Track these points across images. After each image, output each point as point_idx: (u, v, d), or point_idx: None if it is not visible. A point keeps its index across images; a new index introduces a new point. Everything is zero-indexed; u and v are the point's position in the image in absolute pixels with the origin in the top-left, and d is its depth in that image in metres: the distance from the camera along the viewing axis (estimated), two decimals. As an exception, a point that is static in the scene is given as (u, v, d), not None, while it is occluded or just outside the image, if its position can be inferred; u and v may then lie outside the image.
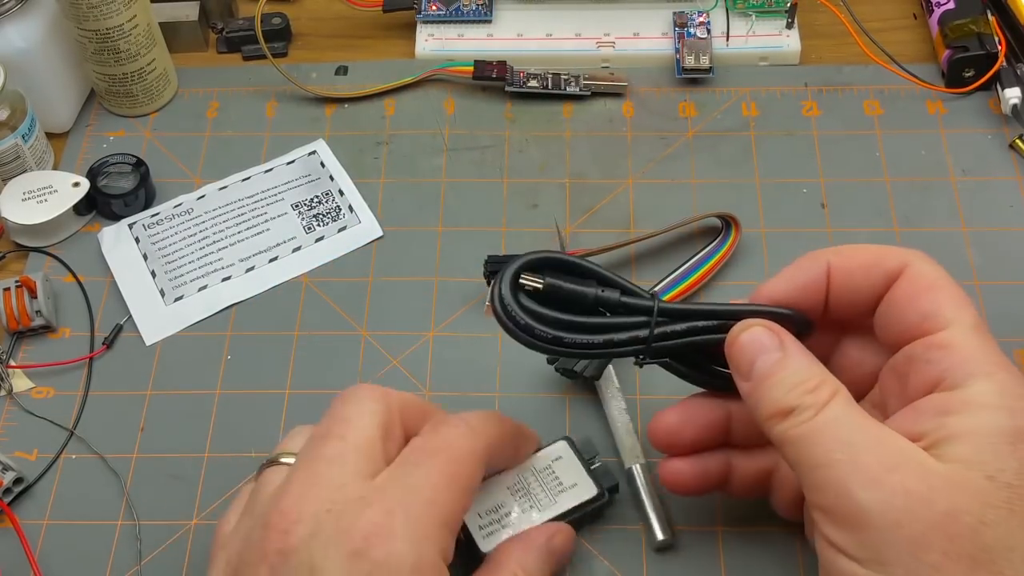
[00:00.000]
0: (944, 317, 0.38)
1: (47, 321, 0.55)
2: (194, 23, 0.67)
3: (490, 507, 0.45)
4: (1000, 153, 0.61)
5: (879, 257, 0.40)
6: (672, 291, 0.54)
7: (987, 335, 0.38)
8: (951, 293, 0.39)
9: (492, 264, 0.53)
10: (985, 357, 0.37)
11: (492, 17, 0.67)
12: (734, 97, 0.64)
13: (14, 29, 0.59)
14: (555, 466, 0.46)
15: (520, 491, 0.45)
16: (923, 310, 0.38)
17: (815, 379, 0.37)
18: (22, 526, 0.49)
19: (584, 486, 0.46)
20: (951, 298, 0.38)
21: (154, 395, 0.54)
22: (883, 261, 0.40)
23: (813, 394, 0.37)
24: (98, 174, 0.60)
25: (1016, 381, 0.36)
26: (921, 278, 0.39)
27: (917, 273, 0.39)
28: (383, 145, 0.63)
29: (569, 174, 0.61)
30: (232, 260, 0.58)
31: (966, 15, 0.63)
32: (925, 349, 0.38)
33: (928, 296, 0.39)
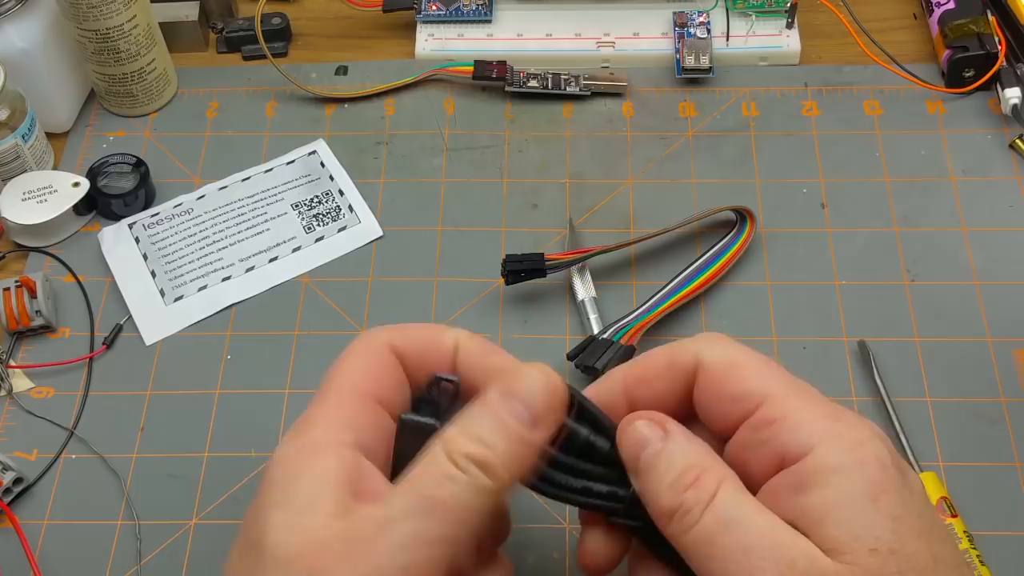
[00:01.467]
0: (757, 393, 0.36)
1: (47, 321, 0.55)
2: (194, 23, 0.67)
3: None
4: (1000, 153, 0.61)
5: (669, 360, 0.38)
6: (687, 287, 0.54)
7: (804, 390, 0.36)
8: (753, 367, 0.37)
9: (510, 264, 0.54)
10: (813, 415, 0.35)
11: (492, 17, 0.67)
12: (734, 97, 0.64)
13: (14, 29, 0.59)
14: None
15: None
16: (732, 394, 0.36)
17: (695, 469, 0.35)
18: (22, 526, 0.49)
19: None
20: (755, 372, 0.37)
21: (154, 395, 0.54)
22: (675, 362, 0.38)
23: (695, 488, 0.34)
24: (98, 174, 0.60)
25: (851, 426, 0.35)
26: (716, 365, 0.37)
27: (711, 361, 0.37)
28: (383, 145, 0.63)
29: (569, 174, 0.61)
30: (232, 260, 0.58)
31: (966, 15, 0.63)
32: (754, 431, 0.36)
33: (731, 379, 0.37)
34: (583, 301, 0.54)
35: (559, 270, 0.55)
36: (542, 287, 0.56)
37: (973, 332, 0.54)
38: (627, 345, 0.52)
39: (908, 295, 0.55)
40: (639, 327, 0.52)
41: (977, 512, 0.48)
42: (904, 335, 0.54)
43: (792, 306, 0.55)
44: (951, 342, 0.54)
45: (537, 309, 0.56)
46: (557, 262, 0.54)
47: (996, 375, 0.52)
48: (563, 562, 0.48)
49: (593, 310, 0.54)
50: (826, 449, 0.34)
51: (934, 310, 0.55)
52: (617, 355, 0.51)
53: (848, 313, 0.55)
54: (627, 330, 0.52)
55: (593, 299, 0.54)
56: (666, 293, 0.54)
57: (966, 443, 0.50)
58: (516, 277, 0.54)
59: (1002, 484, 0.49)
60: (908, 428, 0.50)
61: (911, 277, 0.56)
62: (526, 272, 0.54)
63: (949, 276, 0.56)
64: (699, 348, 0.38)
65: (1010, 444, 0.50)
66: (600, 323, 0.54)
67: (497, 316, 0.55)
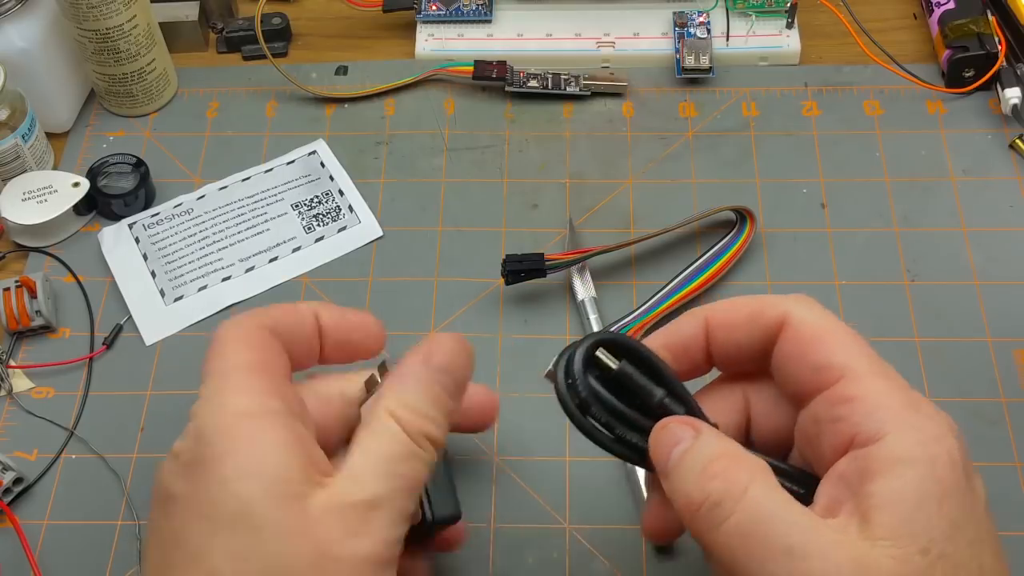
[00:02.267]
0: (838, 367, 0.35)
1: (47, 321, 0.55)
2: (194, 23, 0.67)
3: None
4: (1000, 153, 0.61)
5: (757, 311, 0.37)
6: (687, 287, 0.54)
7: (887, 372, 0.36)
8: (839, 338, 0.36)
9: (510, 264, 0.54)
10: (892, 400, 0.34)
11: (492, 17, 0.67)
12: (734, 97, 0.64)
13: (14, 29, 0.59)
14: None
15: None
16: (814, 363, 0.36)
17: (724, 459, 0.34)
18: (22, 526, 0.49)
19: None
20: (841, 344, 0.36)
21: (154, 395, 0.54)
22: (761, 315, 0.37)
23: (724, 479, 0.33)
24: (98, 174, 0.60)
25: (929, 418, 0.34)
26: (803, 328, 0.36)
27: (799, 323, 0.37)
28: (383, 145, 0.63)
29: (569, 174, 0.61)
30: (232, 260, 0.58)
31: (966, 15, 0.63)
32: (829, 406, 0.35)
33: (816, 347, 0.36)
34: (583, 301, 0.54)
35: (559, 270, 0.55)
36: (542, 287, 0.56)
37: (973, 332, 0.54)
38: None
39: (908, 295, 0.55)
40: (639, 327, 0.53)
41: (977, 512, 0.48)
42: (904, 335, 0.54)
43: (792, 306, 0.55)
44: (951, 342, 0.54)
45: (537, 309, 0.56)
46: (557, 262, 0.54)
47: (996, 375, 0.52)
48: (563, 562, 0.48)
49: (593, 310, 0.54)
50: (899, 438, 0.33)
51: (934, 310, 0.55)
52: None
53: (848, 313, 0.55)
54: (627, 330, 0.52)
55: (593, 299, 0.54)
56: (666, 293, 0.54)
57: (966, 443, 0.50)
58: (516, 277, 0.54)
59: (1002, 484, 0.49)
60: (908, 428, 0.50)
61: (911, 277, 0.56)
62: (526, 272, 0.54)
63: (949, 276, 0.56)
64: (789, 307, 0.37)
65: (1010, 444, 0.50)
66: (600, 323, 0.54)
67: (497, 316, 0.55)
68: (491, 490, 0.50)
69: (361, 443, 0.37)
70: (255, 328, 0.38)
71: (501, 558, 0.48)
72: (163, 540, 0.35)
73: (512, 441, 0.51)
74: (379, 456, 0.36)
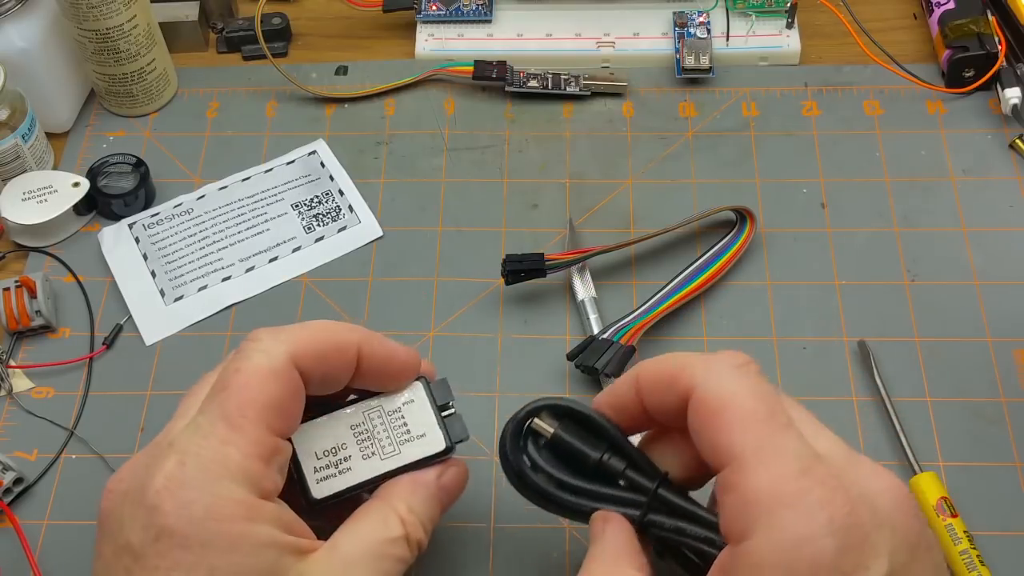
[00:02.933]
0: (725, 451, 0.34)
1: (47, 321, 0.55)
2: (194, 23, 0.67)
3: (329, 447, 0.41)
4: (1000, 153, 0.61)
5: (673, 376, 0.36)
6: (687, 287, 0.54)
7: (779, 453, 0.33)
8: (737, 415, 0.34)
9: (510, 264, 0.54)
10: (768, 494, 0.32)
11: (492, 17, 0.67)
12: (734, 97, 0.64)
13: (14, 29, 0.59)
14: (405, 410, 0.42)
15: (364, 434, 0.41)
16: (708, 441, 0.34)
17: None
18: (22, 526, 0.49)
19: (432, 438, 0.42)
20: (736, 422, 0.34)
21: (154, 395, 0.53)
22: (676, 381, 0.36)
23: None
24: (98, 174, 0.60)
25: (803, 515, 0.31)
26: (706, 401, 0.35)
27: (703, 394, 0.35)
28: (383, 145, 0.63)
29: (569, 174, 0.61)
30: (232, 260, 0.58)
31: (966, 15, 0.63)
32: (719, 491, 0.34)
33: (712, 424, 0.34)
34: (583, 301, 0.54)
35: (559, 270, 0.55)
36: (542, 287, 0.56)
37: (973, 332, 0.54)
38: (627, 345, 0.52)
39: (908, 295, 0.55)
40: (639, 327, 0.52)
41: (977, 512, 0.48)
42: (904, 335, 0.54)
43: (792, 306, 0.55)
44: (951, 342, 0.54)
45: (537, 309, 0.56)
46: (557, 262, 0.54)
47: (996, 375, 0.52)
48: (563, 562, 0.48)
49: (593, 310, 0.54)
50: (760, 542, 0.32)
51: (934, 310, 0.55)
52: (617, 355, 0.51)
53: (848, 313, 0.55)
54: (627, 330, 0.52)
55: (593, 299, 0.54)
56: (666, 293, 0.54)
57: (966, 443, 0.50)
58: (516, 277, 0.54)
59: (1002, 484, 0.49)
60: (908, 428, 0.50)
61: (911, 277, 0.56)
62: (526, 272, 0.54)
63: (949, 276, 0.56)
64: (697, 376, 0.35)
65: (1010, 444, 0.50)
66: (600, 323, 0.54)
67: (497, 316, 0.55)
68: (491, 490, 0.50)
69: (361, 528, 0.38)
70: (284, 364, 0.37)
71: (501, 558, 0.48)
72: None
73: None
74: (372, 547, 0.38)
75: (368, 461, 0.41)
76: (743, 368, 0.35)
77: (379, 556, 0.38)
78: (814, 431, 0.35)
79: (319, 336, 0.39)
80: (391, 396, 0.42)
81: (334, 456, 0.41)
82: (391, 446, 0.42)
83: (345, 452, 0.41)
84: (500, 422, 0.51)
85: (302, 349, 0.38)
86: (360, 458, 0.41)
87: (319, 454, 0.41)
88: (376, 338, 0.41)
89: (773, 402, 0.34)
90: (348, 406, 0.42)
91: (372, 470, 0.41)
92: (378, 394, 0.42)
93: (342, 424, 0.42)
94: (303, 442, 0.41)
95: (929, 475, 0.48)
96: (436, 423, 0.42)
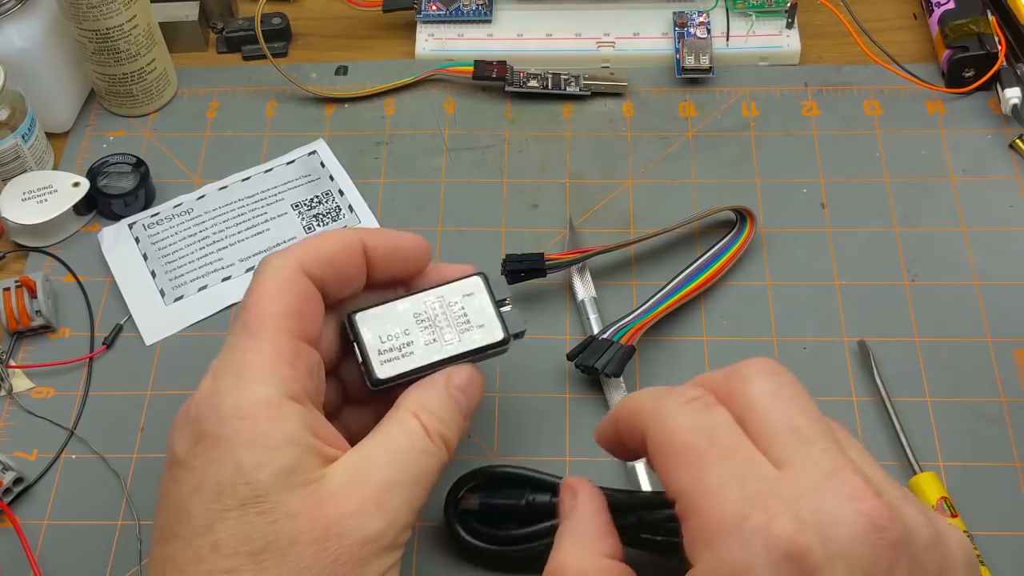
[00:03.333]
0: (673, 489, 0.34)
1: (47, 321, 0.55)
2: (194, 23, 0.67)
3: (394, 332, 0.43)
4: (1000, 153, 0.61)
5: (632, 417, 0.37)
6: (687, 287, 0.54)
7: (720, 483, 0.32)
8: (674, 451, 0.34)
9: (510, 263, 0.54)
10: (709, 525, 0.32)
11: (492, 17, 0.67)
12: (734, 97, 0.64)
13: (14, 29, 0.59)
14: (465, 302, 0.44)
15: (426, 321, 0.43)
16: (662, 481, 0.34)
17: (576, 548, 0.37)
18: (22, 526, 0.49)
19: (491, 328, 0.44)
20: (674, 458, 0.34)
21: (154, 395, 0.54)
22: (635, 422, 0.36)
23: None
24: (98, 174, 0.60)
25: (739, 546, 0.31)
26: (652, 446, 0.35)
27: (649, 439, 0.35)
28: (383, 145, 0.63)
29: (569, 174, 0.61)
30: (232, 260, 0.58)
31: (966, 15, 0.63)
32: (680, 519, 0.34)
33: (658, 465, 0.35)
34: (583, 301, 0.54)
35: (559, 270, 0.55)
36: (542, 287, 0.56)
37: (973, 332, 0.54)
38: (627, 345, 0.52)
39: (908, 295, 0.55)
40: (639, 327, 0.52)
41: (977, 512, 0.48)
42: (904, 335, 0.54)
43: (792, 306, 0.55)
44: (951, 342, 0.54)
45: (537, 309, 0.56)
46: (557, 262, 0.54)
47: (996, 375, 0.52)
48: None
49: (593, 310, 0.54)
50: (700, 571, 0.32)
51: (934, 310, 0.55)
52: (617, 355, 0.51)
53: (848, 313, 0.55)
54: (627, 330, 0.52)
55: (593, 299, 0.54)
56: (666, 293, 0.54)
57: (966, 443, 0.50)
58: (516, 277, 0.54)
59: (1002, 484, 0.49)
60: (908, 428, 0.50)
61: (911, 277, 0.56)
62: (526, 272, 0.54)
63: (949, 276, 0.56)
64: (647, 418, 0.36)
65: (1010, 444, 0.50)
66: (600, 323, 0.54)
67: (497, 316, 0.55)
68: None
69: (381, 433, 0.39)
70: (294, 274, 0.40)
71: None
72: (170, 506, 0.37)
73: (512, 441, 0.51)
74: (398, 446, 0.39)
75: (430, 347, 0.43)
76: (693, 403, 0.35)
77: (403, 451, 0.39)
78: (798, 446, 0.33)
79: (322, 242, 0.42)
80: (452, 287, 0.44)
81: (397, 341, 0.43)
82: (451, 334, 0.43)
83: (408, 338, 0.43)
84: (501, 423, 0.51)
85: (309, 257, 0.41)
86: (422, 343, 0.43)
87: (383, 338, 0.43)
88: (379, 231, 0.44)
89: (714, 433, 0.34)
90: (411, 295, 0.44)
91: (434, 354, 0.43)
92: (440, 285, 0.44)
93: (406, 312, 0.43)
94: (367, 327, 0.43)
95: (929, 475, 0.48)
96: (495, 315, 0.44)
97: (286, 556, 0.35)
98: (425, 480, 0.39)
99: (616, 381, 0.52)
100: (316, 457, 0.37)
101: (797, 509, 0.31)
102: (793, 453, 0.33)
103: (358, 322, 0.43)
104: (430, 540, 0.48)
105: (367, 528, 0.36)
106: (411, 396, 0.41)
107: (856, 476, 0.32)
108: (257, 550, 0.35)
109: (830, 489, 0.32)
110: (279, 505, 0.35)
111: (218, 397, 0.37)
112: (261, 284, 0.40)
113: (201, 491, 0.36)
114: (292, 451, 0.36)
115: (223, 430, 0.36)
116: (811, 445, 0.33)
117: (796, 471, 0.32)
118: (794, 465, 0.33)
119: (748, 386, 0.35)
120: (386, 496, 0.37)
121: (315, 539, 0.35)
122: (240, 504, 0.35)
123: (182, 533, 0.36)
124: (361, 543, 0.36)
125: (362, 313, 0.43)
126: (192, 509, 0.36)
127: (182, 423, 0.38)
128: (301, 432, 0.37)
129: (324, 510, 0.36)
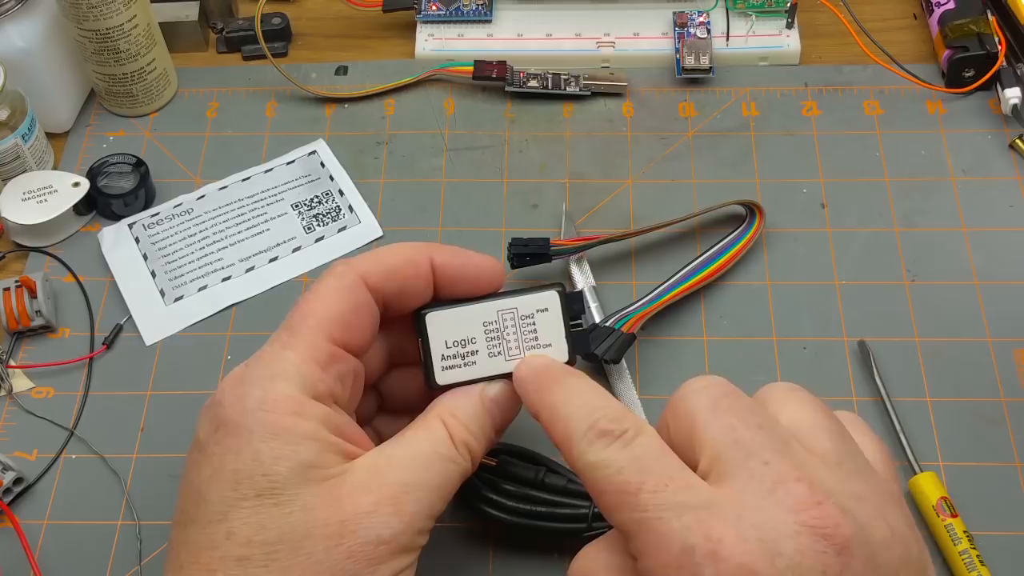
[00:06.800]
0: (618, 527, 0.34)
1: (47, 321, 0.55)
2: (194, 23, 0.67)
3: (460, 338, 0.43)
4: (1000, 153, 0.61)
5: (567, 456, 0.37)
6: (694, 278, 0.54)
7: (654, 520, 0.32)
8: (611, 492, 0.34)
9: (516, 247, 0.54)
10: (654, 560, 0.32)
11: (492, 17, 0.67)
12: (734, 97, 0.64)
13: (14, 29, 0.59)
14: (538, 318, 0.43)
15: (494, 332, 0.43)
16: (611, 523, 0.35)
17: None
18: (22, 526, 0.49)
19: (557, 348, 0.43)
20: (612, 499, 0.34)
21: (154, 395, 0.54)
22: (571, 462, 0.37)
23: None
24: (98, 174, 0.60)
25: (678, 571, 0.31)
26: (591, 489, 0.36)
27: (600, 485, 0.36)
28: (383, 145, 0.63)
29: (569, 174, 0.61)
30: (232, 260, 0.58)
31: (966, 15, 0.63)
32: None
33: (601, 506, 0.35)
34: (583, 290, 0.54)
35: (564, 256, 0.55)
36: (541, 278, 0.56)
37: (973, 332, 0.54)
38: (628, 333, 0.52)
39: (908, 295, 0.55)
40: (641, 316, 0.52)
41: (977, 512, 0.48)
42: (904, 335, 0.54)
43: (792, 306, 0.55)
44: (951, 342, 0.54)
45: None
46: (563, 248, 0.54)
47: (996, 375, 0.52)
48: (562, 562, 0.48)
49: (594, 299, 0.54)
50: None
51: (934, 310, 0.55)
52: (618, 342, 0.51)
53: (848, 313, 0.55)
54: (629, 318, 0.52)
55: (593, 287, 0.55)
56: (672, 283, 0.54)
57: (966, 443, 0.51)
58: (521, 261, 0.54)
59: (1002, 484, 0.49)
60: (908, 428, 0.50)
61: (911, 277, 0.56)
62: (531, 256, 0.54)
63: (949, 276, 0.56)
64: (576, 465, 0.36)
65: (1010, 444, 0.50)
66: (601, 312, 0.54)
67: (497, 316, 0.55)
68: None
69: (407, 435, 0.40)
70: (353, 282, 0.41)
71: (502, 557, 0.48)
72: (189, 490, 0.38)
73: (512, 440, 0.51)
74: (420, 450, 0.39)
75: (493, 360, 0.42)
76: (618, 441, 0.35)
77: (425, 456, 0.38)
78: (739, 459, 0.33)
79: (388, 254, 0.42)
80: (527, 299, 0.43)
81: (462, 348, 0.43)
82: (517, 349, 0.43)
83: (473, 346, 0.42)
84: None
85: (371, 268, 0.41)
86: (486, 355, 0.42)
87: (448, 343, 0.43)
88: (450, 248, 0.43)
89: (642, 467, 0.34)
90: (485, 300, 0.43)
91: (495, 367, 0.42)
92: (516, 294, 0.43)
93: (476, 319, 0.43)
94: (436, 328, 0.42)
95: (929, 475, 0.48)
96: (564, 335, 0.43)
97: (299, 549, 0.35)
98: (444, 487, 0.38)
99: (618, 368, 0.52)
100: (336, 454, 0.37)
101: (739, 528, 0.31)
102: (735, 467, 0.33)
103: (428, 323, 0.42)
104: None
105: (382, 529, 0.36)
106: (443, 401, 0.41)
107: (799, 485, 0.31)
108: (270, 540, 0.35)
109: (772, 504, 0.31)
110: (295, 498, 0.36)
111: (245, 387, 0.38)
112: (318, 287, 0.41)
113: (219, 477, 0.36)
114: (312, 446, 0.37)
115: (245, 420, 0.37)
116: (752, 457, 0.33)
117: (737, 487, 0.32)
118: (736, 480, 0.32)
119: (686, 404, 0.35)
120: (403, 499, 0.37)
121: (329, 534, 0.35)
122: (256, 494, 0.36)
123: (198, 518, 0.36)
124: (376, 543, 0.36)
125: (433, 313, 0.43)
126: (209, 495, 0.36)
127: (208, 408, 0.38)
128: (322, 429, 0.37)
129: (340, 506, 0.36)
